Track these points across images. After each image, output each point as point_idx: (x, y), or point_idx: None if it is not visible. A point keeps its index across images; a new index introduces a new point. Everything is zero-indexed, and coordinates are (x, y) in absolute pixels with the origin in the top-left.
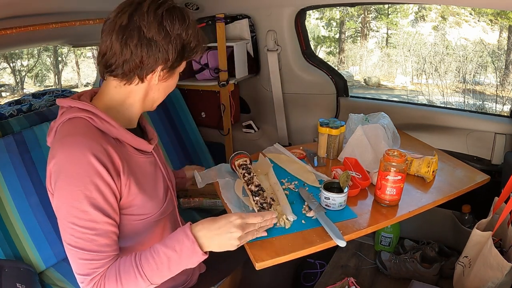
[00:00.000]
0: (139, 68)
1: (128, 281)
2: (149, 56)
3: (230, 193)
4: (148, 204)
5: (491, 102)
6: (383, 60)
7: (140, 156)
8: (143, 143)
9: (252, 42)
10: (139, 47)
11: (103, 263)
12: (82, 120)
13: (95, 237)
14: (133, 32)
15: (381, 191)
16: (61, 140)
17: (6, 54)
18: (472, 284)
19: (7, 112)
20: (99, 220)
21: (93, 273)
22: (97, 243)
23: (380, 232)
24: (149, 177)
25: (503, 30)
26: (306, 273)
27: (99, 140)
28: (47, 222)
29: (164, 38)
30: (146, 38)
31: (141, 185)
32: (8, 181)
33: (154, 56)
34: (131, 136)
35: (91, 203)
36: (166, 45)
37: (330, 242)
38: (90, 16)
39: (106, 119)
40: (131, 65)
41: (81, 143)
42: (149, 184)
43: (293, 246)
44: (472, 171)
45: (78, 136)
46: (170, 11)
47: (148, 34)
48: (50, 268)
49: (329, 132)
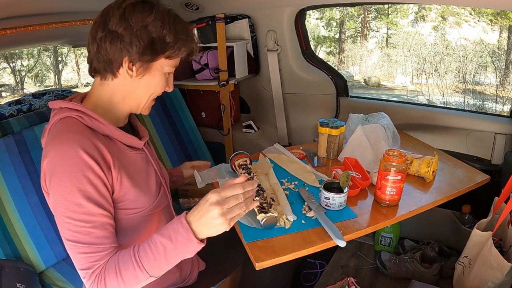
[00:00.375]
0: (108, 62)
1: (128, 273)
2: (111, 48)
3: None
4: (141, 198)
5: (491, 102)
6: (383, 60)
7: (131, 152)
8: (134, 139)
9: (252, 42)
10: (103, 39)
11: (102, 255)
12: (72, 119)
13: (92, 230)
14: (100, 26)
15: (381, 191)
16: (53, 139)
17: (6, 54)
18: (472, 284)
19: (7, 112)
20: (94, 212)
21: (93, 266)
22: (94, 236)
23: (380, 232)
24: (141, 172)
25: (503, 30)
26: (306, 273)
27: (89, 137)
28: (47, 222)
29: (125, 30)
30: (109, 31)
31: (133, 179)
32: (8, 181)
33: (117, 48)
34: (120, 132)
35: (85, 196)
36: (128, 37)
37: (330, 242)
38: (90, 16)
39: (95, 117)
40: (100, 59)
41: (72, 139)
42: (141, 179)
43: (293, 246)
44: (472, 171)
45: (69, 133)
46: (135, 4)
47: (112, 27)
48: (50, 268)
49: (329, 132)
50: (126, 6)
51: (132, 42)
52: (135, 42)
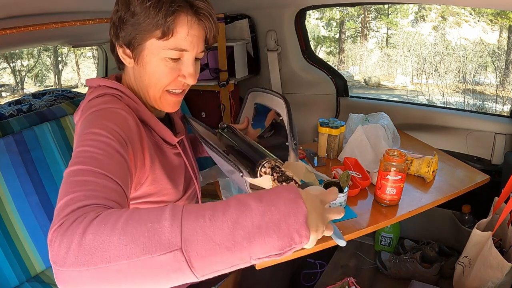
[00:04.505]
0: (112, 51)
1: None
2: (111, 37)
3: (230, 193)
4: (170, 191)
5: (491, 102)
6: (383, 60)
7: (163, 144)
8: (168, 133)
9: (252, 42)
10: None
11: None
12: (112, 96)
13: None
14: None
15: (381, 191)
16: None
17: (6, 54)
18: (472, 284)
19: (7, 112)
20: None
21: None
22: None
23: (380, 232)
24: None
25: (503, 30)
26: (306, 273)
27: (131, 113)
28: (47, 222)
29: (115, 14)
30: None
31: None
32: (8, 181)
33: (111, 35)
34: (157, 121)
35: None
36: (117, 22)
37: (330, 242)
38: (90, 16)
39: (133, 99)
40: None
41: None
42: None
43: None
44: (472, 171)
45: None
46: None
47: (112, 15)
48: (50, 268)
49: (329, 132)
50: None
51: (119, 27)
52: (121, 25)
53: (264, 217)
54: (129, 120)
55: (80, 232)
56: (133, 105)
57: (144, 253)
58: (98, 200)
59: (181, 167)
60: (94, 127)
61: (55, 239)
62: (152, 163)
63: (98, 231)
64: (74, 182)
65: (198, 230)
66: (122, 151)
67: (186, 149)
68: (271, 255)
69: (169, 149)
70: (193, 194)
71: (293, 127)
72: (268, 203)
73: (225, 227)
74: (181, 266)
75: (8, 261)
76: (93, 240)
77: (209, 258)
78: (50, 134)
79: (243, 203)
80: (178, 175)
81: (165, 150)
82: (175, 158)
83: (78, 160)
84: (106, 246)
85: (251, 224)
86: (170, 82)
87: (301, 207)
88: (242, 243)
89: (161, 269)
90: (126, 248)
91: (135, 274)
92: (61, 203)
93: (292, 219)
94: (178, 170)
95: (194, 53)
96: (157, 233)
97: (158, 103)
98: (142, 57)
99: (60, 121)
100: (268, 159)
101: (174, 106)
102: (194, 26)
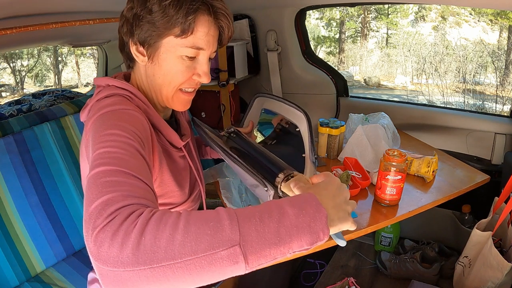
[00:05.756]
0: (122, 49)
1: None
2: (122, 34)
3: (230, 193)
4: (176, 193)
5: (491, 102)
6: (383, 60)
7: (169, 147)
8: (175, 136)
9: (252, 42)
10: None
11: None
12: (122, 97)
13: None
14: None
15: (381, 191)
16: (103, 113)
17: (6, 54)
18: (472, 284)
19: (7, 112)
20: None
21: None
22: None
23: (380, 232)
24: (180, 169)
25: (503, 30)
26: (306, 273)
27: (141, 113)
28: (47, 222)
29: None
30: (122, 15)
31: (173, 173)
32: (8, 181)
33: (124, 32)
34: (166, 124)
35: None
36: (131, 18)
37: (330, 242)
38: (90, 16)
39: (143, 100)
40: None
41: (127, 110)
42: (180, 175)
43: None
44: (472, 171)
45: (118, 105)
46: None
47: (124, 12)
48: (50, 268)
49: (329, 132)
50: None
51: (134, 24)
52: (137, 22)
53: (298, 219)
54: (143, 121)
55: (138, 232)
56: (143, 107)
57: (208, 249)
58: (138, 200)
59: (186, 169)
60: (111, 128)
61: (104, 240)
62: (161, 165)
63: (159, 230)
64: (106, 183)
65: (252, 228)
66: (142, 151)
67: (191, 151)
68: (302, 250)
69: (175, 152)
70: (198, 196)
71: (313, 141)
72: (299, 207)
73: (272, 226)
74: (238, 260)
75: (8, 261)
76: (154, 239)
77: (260, 252)
78: (50, 134)
79: (280, 206)
80: (184, 178)
81: (171, 152)
82: (180, 161)
83: (103, 161)
84: (170, 244)
85: (290, 224)
86: (185, 80)
87: (322, 211)
88: (285, 239)
89: (221, 263)
90: (191, 245)
91: (195, 270)
92: (98, 203)
93: (318, 221)
94: (184, 173)
95: (209, 52)
96: (219, 231)
97: (170, 101)
98: (157, 54)
99: (60, 121)
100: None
101: (186, 104)
102: (212, 26)
